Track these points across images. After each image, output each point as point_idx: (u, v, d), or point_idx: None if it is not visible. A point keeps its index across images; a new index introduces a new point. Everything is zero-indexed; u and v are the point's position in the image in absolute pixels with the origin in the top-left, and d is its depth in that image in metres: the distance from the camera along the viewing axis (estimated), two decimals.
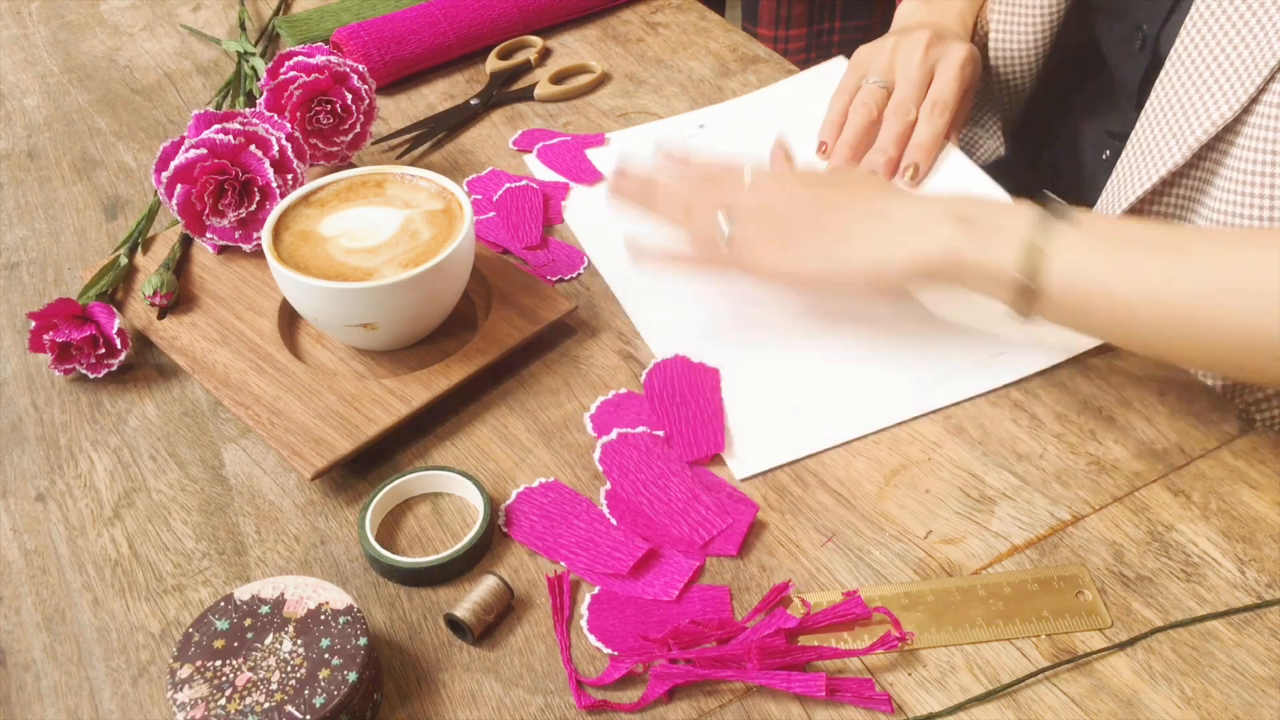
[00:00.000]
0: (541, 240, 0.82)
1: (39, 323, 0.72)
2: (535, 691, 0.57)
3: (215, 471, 0.69)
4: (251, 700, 0.53)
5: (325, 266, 0.69)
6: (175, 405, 0.73)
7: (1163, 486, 0.65)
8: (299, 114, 0.82)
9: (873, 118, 0.86)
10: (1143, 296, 0.61)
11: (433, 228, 0.72)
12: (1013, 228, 0.63)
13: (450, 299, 0.73)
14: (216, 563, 0.64)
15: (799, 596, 0.60)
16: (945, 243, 0.64)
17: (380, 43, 0.99)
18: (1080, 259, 0.62)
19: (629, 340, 0.76)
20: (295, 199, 0.73)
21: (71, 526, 0.66)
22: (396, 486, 0.65)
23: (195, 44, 1.08)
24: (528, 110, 0.98)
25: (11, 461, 0.70)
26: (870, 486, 0.66)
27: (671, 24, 1.07)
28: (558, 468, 0.68)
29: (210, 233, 0.78)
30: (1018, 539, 0.63)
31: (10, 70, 1.06)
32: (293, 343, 0.74)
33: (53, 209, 0.89)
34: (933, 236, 0.65)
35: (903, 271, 0.66)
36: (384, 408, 0.68)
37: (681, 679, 0.56)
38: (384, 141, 0.94)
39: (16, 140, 0.97)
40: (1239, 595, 0.60)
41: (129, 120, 0.98)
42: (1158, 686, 0.56)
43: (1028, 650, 0.58)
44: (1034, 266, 0.62)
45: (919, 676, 0.57)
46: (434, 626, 0.60)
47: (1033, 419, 0.69)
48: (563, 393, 0.72)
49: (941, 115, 0.85)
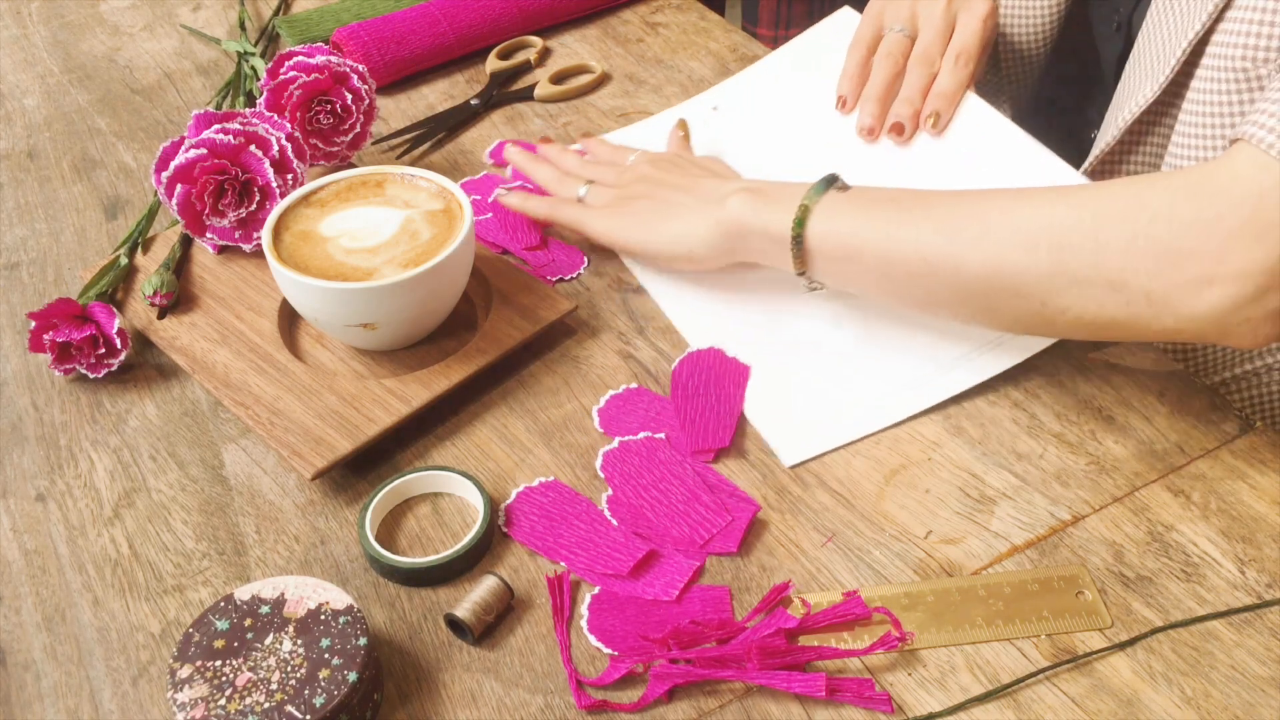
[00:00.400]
0: (541, 241, 0.82)
1: (39, 323, 0.72)
2: (535, 691, 0.57)
3: (215, 471, 0.69)
4: (251, 700, 0.53)
5: (325, 266, 0.69)
6: (175, 405, 0.73)
7: (1163, 486, 0.65)
8: (299, 114, 0.82)
9: (899, 69, 0.84)
10: (889, 244, 0.66)
11: (433, 228, 0.72)
12: (791, 196, 0.70)
13: (450, 299, 0.73)
14: (216, 563, 0.64)
15: (799, 596, 0.60)
16: (735, 211, 0.72)
17: (380, 43, 0.99)
18: (838, 214, 0.68)
19: (629, 340, 0.76)
20: (295, 199, 0.73)
21: (71, 526, 0.66)
22: (396, 486, 0.65)
23: (195, 44, 1.08)
24: (528, 110, 0.98)
25: (11, 461, 0.70)
26: (870, 486, 0.66)
27: (671, 24, 1.07)
28: (558, 468, 0.68)
29: (210, 233, 0.78)
30: (1018, 539, 0.63)
31: (10, 70, 1.06)
32: (293, 343, 0.74)
33: (53, 209, 0.89)
34: (726, 207, 0.72)
35: (704, 241, 0.74)
36: (384, 408, 0.68)
37: (681, 679, 0.56)
38: (384, 141, 0.94)
39: (16, 140, 0.97)
40: (1239, 595, 0.60)
41: (129, 120, 0.98)
42: (1158, 686, 0.56)
43: (1028, 650, 0.58)
44: (800, 224, 0.69)
45: (919, 676, 0.57)
46: (434, 626, 0.60)
47: (1033, 419, 0.69)
48: (563, 393, 0.72)
49: (965, 66, 0.83)
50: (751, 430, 0.69)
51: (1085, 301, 0.61)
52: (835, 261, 0.69)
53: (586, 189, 0.81)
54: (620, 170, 0.83)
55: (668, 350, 0.75)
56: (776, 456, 0.68)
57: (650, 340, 0.76)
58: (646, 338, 0.76)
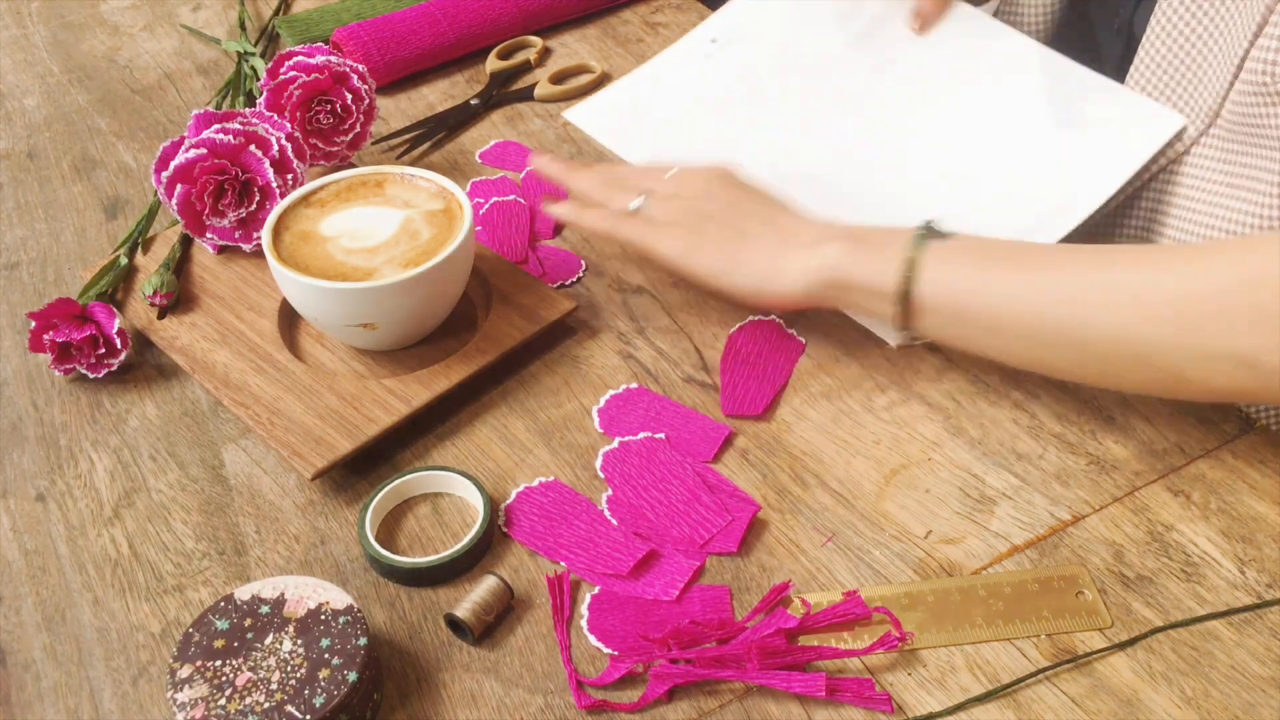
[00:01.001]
0: (524, 257, 0.82)
1: (39, 323, 0.72)
2: (535, 691, 0.57)
3: (215, 471, 0.69)
4: (251, 700, 0.53)
5: (325, 266, 0.69)
6: (175, 405, 0.73)
7: (1163, 486, 0.65)
8: (299, 114, 0.82)
9: None
10: (1009, 305, 0.63)
11: (433, 228, 0.72)
12: (892, 245, 0.66)
13: (450, 299, 0.73)
14: (216, 563, 0.64)
15: (799, 596, 0.60)
16: (834, 260, 0.67)
17: (380, 43, 0.99)
18: (949, 271, 0.64)
19: (629, 340, 0.76)
20: (295, 199, 0.73)
21: (71, 526, 0.66)
22: (396, 486, 0.65)
23: (195, 44, 1.08)
24: (528, 110, 0.98)
25: (11, 461, 0.70)
26: (870, 486, 0.66)
27: (671, 24, 1.07)
28: (558, 468, 0.68)
29: (210, 233, 0.78)
30: (1018, 539, 0.63)
31: (10, 70, 1.06)
32: (293, 343, 0.74)
33: (53, 209, 0.89)
34: (823, 255, 0.68)
35: (791, 284, 0.69)
36: (384, 408, 0.68)
37: (681, 679, 0.56)
38: (384, 141, 0.94)
39: (16, 140, 0.97)
40: (1239, 595, 0.60)
41: (129, 120, 0.98)
42: (1158, 686, 0.56)
43: (1028, 650, 0.58)
44: (909, 279, 0.65)
45: (919, 676, 0.57)
46: (434, 626, 0.60)
47: (1033, 419, 0.69)
48: (563, 393, 0.72)
49: None
50: (752, 430, 0.69)
51: (1216, 375, 0.59)
52: (944, 319, 0.66)
53: (642, 200, 0.74)
54: (674, 181, 0.75)
55: (668, 350, 0.75)
56: None
57: (650, 340, 0.76)
58: (646, 338, 0.76)
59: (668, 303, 0.78)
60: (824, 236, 0.69)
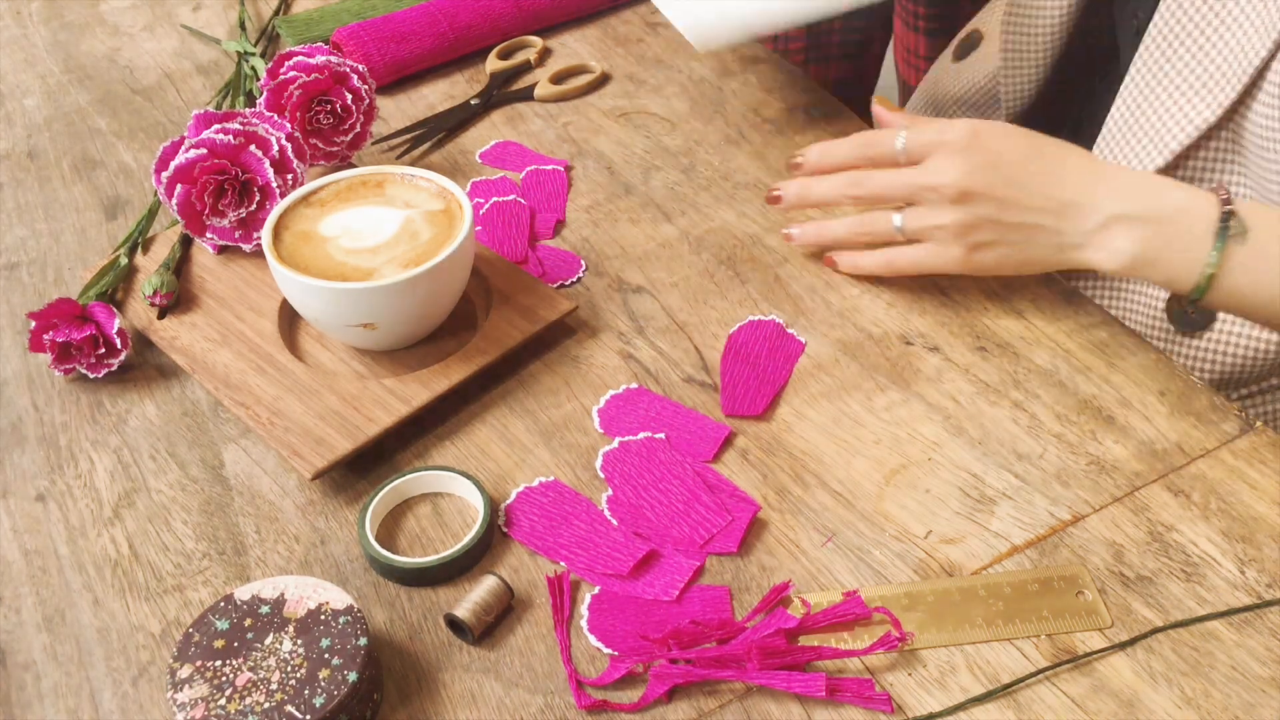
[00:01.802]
0: (524, 257, 0.82)
1: (39, 323, 0.72)
2: (535, 691, 0.57)
3: (215, 471, 0.69)
4: (251, 700, 0.53)
5: (325, 266, 0.69)
6: (175, 405, 0.73)
7: (1163, 486, 0.65)
8: (299, 114, 0.82)
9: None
10: None
11: (433, 228, 0.72)
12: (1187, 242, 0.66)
13: (450, 299, 0.73)
14: (216, 563, 0.64)
15: (799, 596, 0.60)
16: (1126, 261, 0.68)
17: (380, 43, 0.99)
18: (1251, 279, 0.66)
19: (629, 340, 0.76)
20: (295, 199, 0.73)
21: (71, 527, 0.66)
22: (396, 486, 0.65)
23: (195, 44, 1.08)
24: (528, 110, 0.98)
25: (11, 461, 0.70)
26: (870, 486, 0.66)
27: (672, 24, 1.07)
28: (558, 468, 0.68)
29: (210, 233, 0.78)
30: (1018, 539, 0.63)
31: (10, 70, 1.06)
32: (293, 343, 0.74)
33: (53, 209, 0.89)
34: (1112, 252, 0.68)
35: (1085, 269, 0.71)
36: (384, 408, 0.68)
37: (681, 679, 0.56)
38: (384, 141, 0.94)
39: (16, 140, 0.97)
40: (1239, 595, 0.60)
41: (129, 120, 0.98)
42: (1158, 687, 0.56)
43: (1028, 650, 0.58)
44: (1204, 289, 0.67)
45: (919, 676, 0.57)
46: (434, 626, 0.60)
47: (1033, 419, 0.69)
48: (563, 393, 0.72)
49: None
50: (752, 430, 0.69)
51: None
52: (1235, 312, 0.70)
53: (902, 218, 0.73)
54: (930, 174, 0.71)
55: (668, 350, 0.75)
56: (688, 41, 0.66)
57: (650, 340, 0.76)
58: (646, 338, 0.76)
59: (668, 303, 0.78)
60: (1104, 223, 0.68)
